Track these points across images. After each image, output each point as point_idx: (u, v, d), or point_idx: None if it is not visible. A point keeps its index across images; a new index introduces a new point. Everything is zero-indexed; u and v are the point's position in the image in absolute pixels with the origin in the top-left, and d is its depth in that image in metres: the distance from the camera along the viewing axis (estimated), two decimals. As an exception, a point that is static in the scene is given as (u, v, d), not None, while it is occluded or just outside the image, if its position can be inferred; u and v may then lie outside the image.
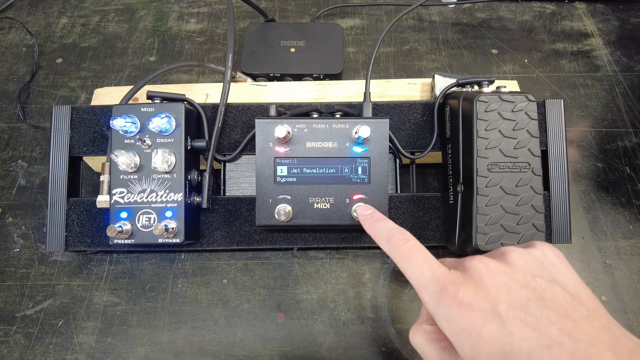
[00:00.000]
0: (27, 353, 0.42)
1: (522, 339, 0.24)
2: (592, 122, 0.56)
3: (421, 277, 0.28)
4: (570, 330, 0.24)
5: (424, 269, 0.28)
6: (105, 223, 0.44)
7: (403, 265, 0.30)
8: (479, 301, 0.26)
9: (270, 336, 0.42)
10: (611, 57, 0.62)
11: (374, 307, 0.44)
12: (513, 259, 0.28)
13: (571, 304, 0.25)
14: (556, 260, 0.29)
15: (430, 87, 0.50)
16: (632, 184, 0.51)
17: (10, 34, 0.65)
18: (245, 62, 0.57)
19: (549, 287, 0.26)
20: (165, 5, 0.69)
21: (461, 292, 0.26)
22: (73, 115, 0.45)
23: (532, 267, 0.28)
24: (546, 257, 0.29)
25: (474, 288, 0.27)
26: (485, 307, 0.25)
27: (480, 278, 0.27)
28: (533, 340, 0.24)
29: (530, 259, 0.29)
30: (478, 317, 0.25)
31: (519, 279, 0.27)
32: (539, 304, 0.25)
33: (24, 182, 0.52)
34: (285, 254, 0.47)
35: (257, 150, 0.41)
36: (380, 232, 0.33)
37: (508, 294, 0.26)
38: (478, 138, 0.38)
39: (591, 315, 0.25)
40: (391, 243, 0.31)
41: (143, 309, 0.44)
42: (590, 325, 0.24)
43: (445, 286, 0.27)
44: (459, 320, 0.26)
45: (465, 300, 0.26)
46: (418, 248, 0.30)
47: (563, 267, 0.28)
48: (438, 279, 0.28)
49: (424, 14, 0.68)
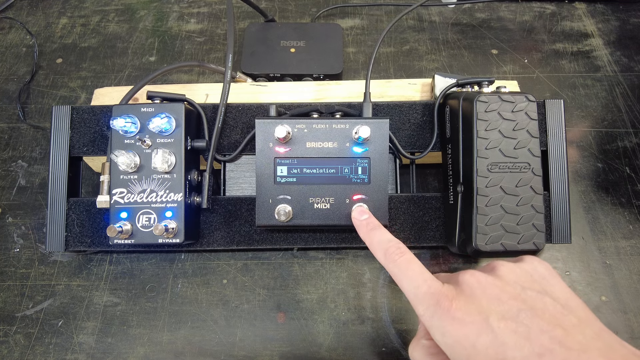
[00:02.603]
0: (27, 353, 0.42)
1: (514, 348, 0.25)
2: (592, 122, 0.56)
3: (416, 290, 0.29)
4: (561, 339, 0.24)
5: (419, 282, 0.29)
6: (105, 223, 0.44)
7: (399, 278, 0.31)
8: (471, 314, 0.26)
9: (270, 336, 0.42)
10: (611, 58, 0.62)
11: (374, 307, 0.44)
12: (503, 273, 0.29)
13: (561, 313, 0.26)
14: (545, 272, 0.30)
15: (430, 87, 0.50)
16: (632, 184, 0.51)
17: (10, 34, 0.65)
18: (245, 62, 0.57)
19: (538, 297, 0.27)
20: (165, 5, 0.69)
21: (454, 306, 0.27)
22: (73, 115, 0.45)
23: (522, 279, 0.29)
24: (535, 269, 0.30)
25: (466, 301, 0.27)
26: (478, 319, 0.26)
27: (471, 291, 0.28)
28: (525, 349, 0.24)
29: (519, 272, 0.29)
30: (471, 329, 0.26)
31: (509, 291, 0.28)
32: (529, 314, 0.26)
33: (24, 182, 0.52)
34: (285, 254, 0.47)
35: (257, 151, 0.41)
36: (377, 242, 0.34)
37: (499, 305, 0.27)
38: (478, 138, 0.38)
39: (582, 323, 0.26)
40: (387, 256, 0.32)
41: (143, 309, 0.44)
42: (582, 333, 0.25)
43: (439, 300, 0.28)
44: (453, 332, 0.26)
45: (458, 314, 0.27)
46: (414, 262, 0.31)
47: (552, 279, 0.29)
48: (432, 293, 0.28)
49: (424, 14, 0.68)
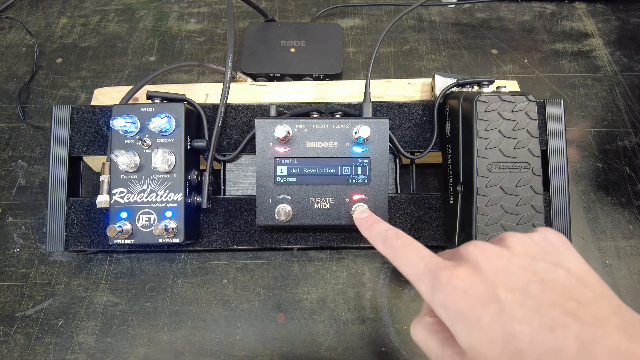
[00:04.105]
0: (27, 353, 0.42)
1: (523, 322, 0.23)
2: (592, 122, 0.56)
3: (415, 269, 0.28)
4: (575, 312, 0.22)
5: (416, 261, 0.28)
6: (105, 223, 0.44)
7: (398, 261, 0.29)
8: (475, 285, 0.25)
9: (270, 336, 0.42)
10: (611, 57, 0.62)
11: (374, 307, 0.44)
12: (511, 243, 0.27)
13: (575, 286, 0.24)
14: (558, 244, 0.27)
15: (430, 87, 0.50)
16: (632, 184, 0.51)
17: (10, 34, 0.65)
18: (245, 62, 0.57)
19: (550, 269, 0.25)
20: (165, 5, 0.69)
21: (455, 275, 0.25)
22: (73, 115, 0.45)
23: (532, 250, 0.26)
24: (547, 240, 0.27)
25: (469, 272, 0.25)
26: (483, 291, 0.24)
27: (476, 263, 0.26)
28: (535, 323, 0.22)
29: (530, 242, 0.27)
30: (475, 301, 0.24)
31: (517, 262, 0.25)
32: (540, 285, 0.24)
33: (24, 182, 0.52)
34: (285, 254, 0.47)
35: (257, 150, 0.41)
36: (376, 233, 0.33)
37: (506, 277, 0.25)
38: (478, 138, 0.38)
39: (598, 297, 0.23)
40: (386, 243, 0.31)
41: (143, 309, 0.44)
42: (598, 307, 0.23)
43: (438, 273, 0.26)
44: (456, 305, 0.25)
45: (459, 283, 0.25)
46: (411, 243, 0.29)
47: (566, 250, 0.27)
48: (431, 268, 0.27)
49: (424, 14, 0.68)
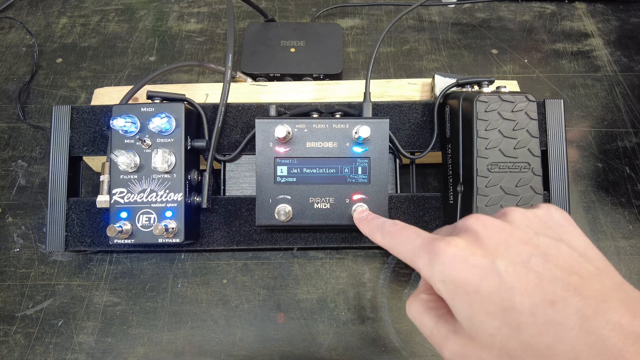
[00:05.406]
0: (27, 353, 0.42)
1: (523, 294, 0.22)
2: (592, 122, 0.56)
3: (412, 246, 0.27)
4: (577, 286, 0.22)
5: (413, 238, 0.27)
6: (105, 223, 0.44)
7: (396, 246, 0.29)
8: (475, 256, 0.24)
9: (270, 336, 0.42)
10: (611, 57, 0.62)
11: (374, 307, 0.44)
12: (514, 218, 0.26)
13: (578, 261, 0.23)
14: (562, 220, 0.27)
15: (430, 87, 0.50)
16: (632, 184, 0.51)
17: (10, 34, 0.65)
18: (245, 62, 0.57)
19: (552, 244, 0.24)
20: (165, 5, 0.69)
21: (452, 244, 0.25)
22: (73, 115, 0.45)
23: (535, 225, 0.26)
24: (551, 216, 0.27)
25: (468, 243, 0.25)
26: (482, 262, 0.24)
27: (476, 234, 0.25)
28: (536, 296, 0.22)
29: (533, 217, 0.27)
30: (474, 272, 0.24)
31: (519, 235, 0.25)
32: (541, 259, 0.23)
33: (24, 182, 0.52)
34: (285, 254, 0.47)
35: (257, 150, 0.41)
36: (375, 226, 0.33)
37: (507, 250, 0.24)
38: (478, 138, 0.38)
39: (601, 273, 0.23)
40: (384, 232, 0.31)
41: (143, 309, 0.44)
42: (600, 282, 0.22)
43: (436, 244, 0.25)
44: (454, 276, 0.24)
45: (458, 252, 0.24)
46: (408, 227, 0.29)
47: (569, 227, 0.26)
48: (427, 243, 0.26)
49: (424, 14, 0.68)
